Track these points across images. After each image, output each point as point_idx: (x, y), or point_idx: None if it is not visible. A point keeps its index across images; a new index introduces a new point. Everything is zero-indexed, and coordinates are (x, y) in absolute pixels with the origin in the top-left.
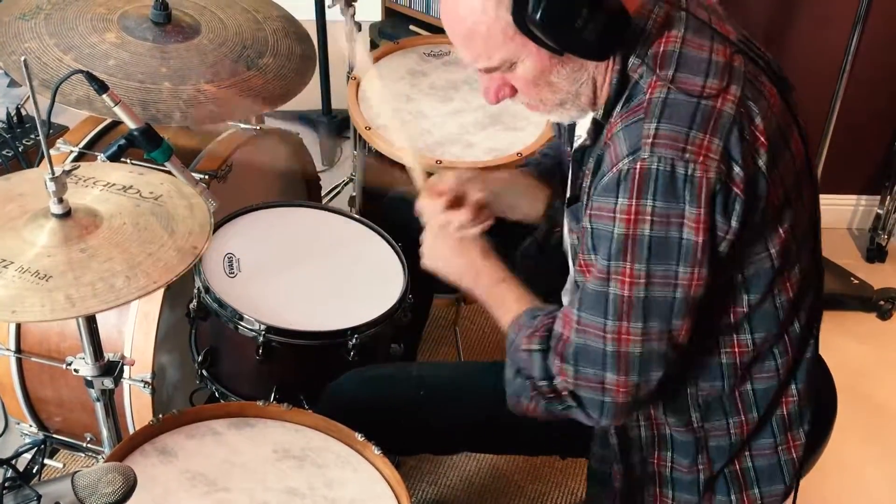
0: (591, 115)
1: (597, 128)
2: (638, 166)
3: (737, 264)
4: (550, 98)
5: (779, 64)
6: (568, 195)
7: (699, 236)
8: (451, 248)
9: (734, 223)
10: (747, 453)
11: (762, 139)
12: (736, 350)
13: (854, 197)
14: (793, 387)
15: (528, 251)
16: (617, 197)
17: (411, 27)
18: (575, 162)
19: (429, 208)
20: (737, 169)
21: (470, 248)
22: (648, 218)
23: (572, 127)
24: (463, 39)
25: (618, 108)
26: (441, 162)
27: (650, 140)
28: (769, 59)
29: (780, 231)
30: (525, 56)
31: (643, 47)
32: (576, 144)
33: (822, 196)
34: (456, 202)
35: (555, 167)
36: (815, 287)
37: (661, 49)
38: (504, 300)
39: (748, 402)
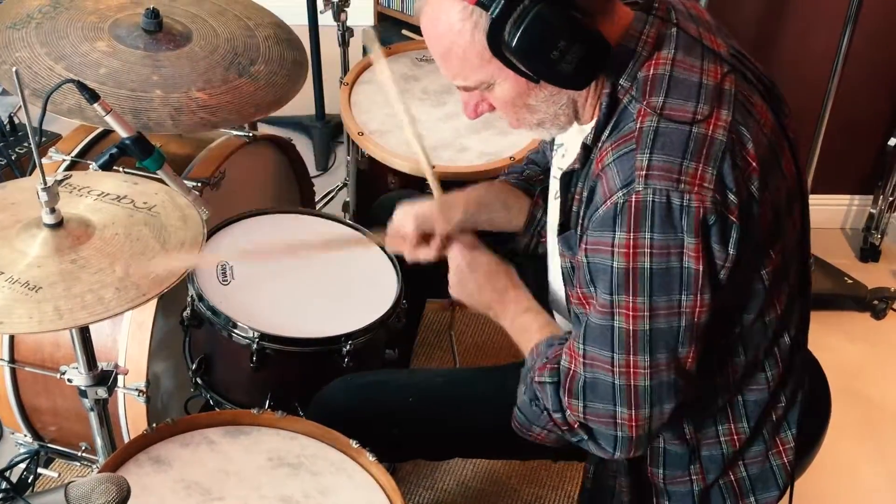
0: (576, 128)
1: (585, 151)
2: (633, 199)
3: (734, 290)
4: (529, 118)
5: (770, 78)
6: (558, 221)
7: (700, 264)
8: (478, 282)
9: (731, 250)
10: (741, 463)
11: (754, 164)
12: (729, 369)
13: (847, 197)
14: (782, 395)
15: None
16: (614, 231)
17: (404, 32)
18: (563, 184)
19: (399, 251)
20: (731, 197)
21: (497, 280)
22: (648, 251)
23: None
24: (440, 58)
25: (606, 132)
26: (434, 167)
27: (644, 172)
28: (760, 73)
29: (772, 253)
30: (501, 79)
31: (633, 70)
32: (563, 166)
33: (815, 196)
34: (423, 238)
35: (539, 175)
36: (802, 298)
37: (651, 73)
38: (528, 329)
39: (739, 413)
